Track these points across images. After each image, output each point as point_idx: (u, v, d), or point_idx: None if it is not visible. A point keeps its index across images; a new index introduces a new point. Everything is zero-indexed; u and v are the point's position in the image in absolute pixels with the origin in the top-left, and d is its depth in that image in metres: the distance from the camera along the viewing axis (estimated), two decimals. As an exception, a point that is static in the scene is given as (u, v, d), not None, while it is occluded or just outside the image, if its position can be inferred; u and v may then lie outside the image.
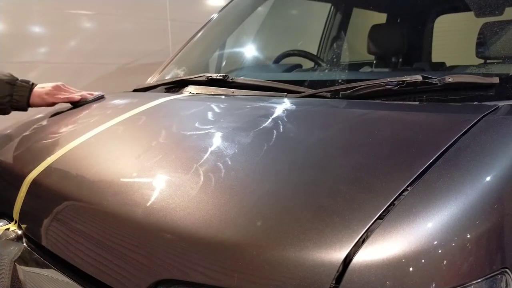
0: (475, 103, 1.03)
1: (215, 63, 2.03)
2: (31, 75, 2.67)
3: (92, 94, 1.63)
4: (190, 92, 1.56)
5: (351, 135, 0.98)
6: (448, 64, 1.98)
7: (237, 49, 2.19)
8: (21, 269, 1.05)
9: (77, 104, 1.59)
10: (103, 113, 1.45)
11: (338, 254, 0.65)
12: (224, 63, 2.04)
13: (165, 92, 1.67)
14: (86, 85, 2.86)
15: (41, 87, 1.54)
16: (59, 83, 1.59)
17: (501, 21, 1.45)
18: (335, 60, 1.94)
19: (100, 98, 1.63)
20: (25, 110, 1.54)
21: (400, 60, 2.19)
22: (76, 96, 1.60)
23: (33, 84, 1.54)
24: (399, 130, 0.95)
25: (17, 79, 1.52)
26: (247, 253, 0.69)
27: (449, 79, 1.07)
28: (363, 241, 0.65)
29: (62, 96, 1.57)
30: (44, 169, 1.12)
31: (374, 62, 2.28)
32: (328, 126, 1.05)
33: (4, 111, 1.51)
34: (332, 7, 2.76)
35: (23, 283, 1.04)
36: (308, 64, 2.16)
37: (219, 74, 1.52)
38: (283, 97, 1.31)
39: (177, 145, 1.08)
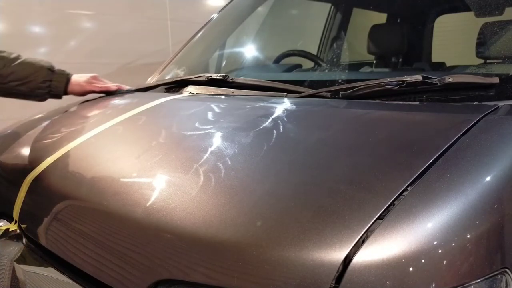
0: (475, 103, 1.03)
1: (215, 63, 2.03)
2: (31, 75, 2.67)
3: (122, 88, 1.71)
4: (190, 92, 1.56)
5: (351, 135, 0.98)
6: (448, 64, 1.98)
7: (237, 49, 2.19)
8: (21, 269, 1.05)
9: (112, 94, 1.65)
10: (103, 113, 1.45)
11: (338, 254, 0.65)
12: (224, 63, 2.04)
13: (165, 92, 1.67)
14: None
15: (79, 76, 1.60)
16: (95, 74, 1.66)
17: (501, 21, 1.45)
18: (335, 60, 1.94)
19: (130, 92, 1.70)
20: (60, 97, 1.59)
21: (400, 60, 2.19)
22: (113, 86, 1.67)
23: (69, 73, 1.59)
24: (399, 130, 0.95)
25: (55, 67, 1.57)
26: (247, 253, 0.69)
27: (449, 79, 1.07)
28: (363, 241, 0.65)
29: (100, 85, 1.64)
30: (44, 169, 1.12)
31: (374, 62, 2.28)
32: (328, 126, 1.05)
33: (42, 97, 1.55)
34: (332, 7, 2.76)
35: (23, 283, 1.04)
36: (308, 64, 2.16)
37: (219, 74, 1.52)
38: (283, 97, 1.31)
39: (177, 145, 1.08)
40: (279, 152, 0.95)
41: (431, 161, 0.77)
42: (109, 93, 1.66)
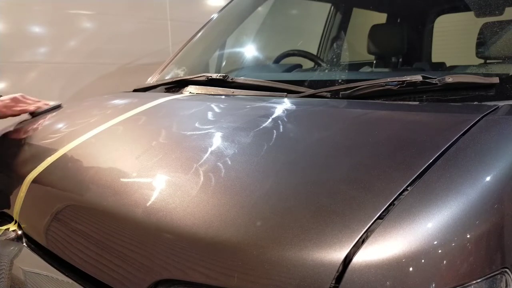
0: (475, 103, 1.03)
1: (215, 63, 2.03)
2: (31, 75, 2.67)
3: (48, 104, 1.60)
4: (190, 92, 1.56)
5: (351, 135, 0.98)
6: (448, 64, 1.98)
7: (237, 49, 2.19)
8: (21, 269, 1.05)
9: (33, 115, 1.57)
10: (104, 113, 1.45)
11: (338, 254, 0.65)
12: (224, 63, 2.04)
13: (165, 92, 1.67)
14: (86, 85, 2.86)
15: (0, 100, 1.51)
16: (17, 95, 1.56)
17: (501, 21, 1.45)
18: (335, 60, 1.94)
19: (57, 107, 1.61)
20: None
21: (400, 60, 2.19)
22: (32, 107, 1.57)
23: None
24: (399, 130, 0.95)
25: None
26: (247, 253, 0.69)
27: (449, 79, 1.07)
28: (363, 241, 0.65)
29: (18, 109, 1.54)
30: (44, 169, 1.12)
31: (374, 62, 2.28)
32: (328, 126, 1.05)
33: None
34: (332, 7, 2.76)
35: (23, 283, 1.04)
36: (308, 64, 2.16)
37: (219, 74, 1.52)
38: (283, 97, 1.31)
39: (177, 145, 1.08)
40: (279, 152, 0.95)
41: (431, 161, 0.77)
42: (31, 114, 1.56)
